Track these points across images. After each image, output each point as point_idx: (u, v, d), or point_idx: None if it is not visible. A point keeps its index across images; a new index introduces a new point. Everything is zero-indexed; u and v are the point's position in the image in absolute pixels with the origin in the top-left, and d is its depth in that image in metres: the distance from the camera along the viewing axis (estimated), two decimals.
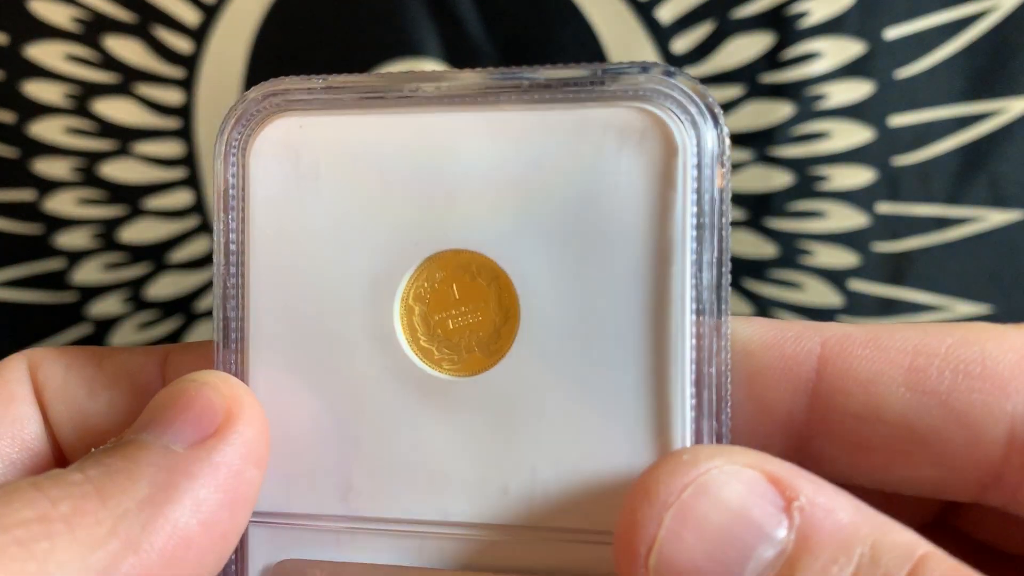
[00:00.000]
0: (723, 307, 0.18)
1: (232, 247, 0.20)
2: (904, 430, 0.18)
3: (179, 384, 0.19)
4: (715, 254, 0.18)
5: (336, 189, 0.19)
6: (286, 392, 0.20)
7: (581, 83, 0.18)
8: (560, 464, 0.18)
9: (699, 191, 0.18)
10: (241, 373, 0.20)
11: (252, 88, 0.20)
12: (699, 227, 0.18)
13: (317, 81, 0.19)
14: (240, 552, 0.20)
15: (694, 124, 0.18)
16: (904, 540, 0.15)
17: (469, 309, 0.19)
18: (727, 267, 0.18)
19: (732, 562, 0.15)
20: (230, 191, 0.20)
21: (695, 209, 0.18)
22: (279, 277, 0.20)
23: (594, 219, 0.18)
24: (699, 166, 0.18)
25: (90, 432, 0.22)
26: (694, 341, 0.18)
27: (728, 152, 0.18)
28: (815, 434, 0.19)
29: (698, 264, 0.18)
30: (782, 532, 0.15)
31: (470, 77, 0.19)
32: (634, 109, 0.18)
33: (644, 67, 0.18)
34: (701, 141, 0.18)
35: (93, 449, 0.18)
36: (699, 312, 0.18)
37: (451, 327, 0.19)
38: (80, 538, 0.16)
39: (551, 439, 0.18)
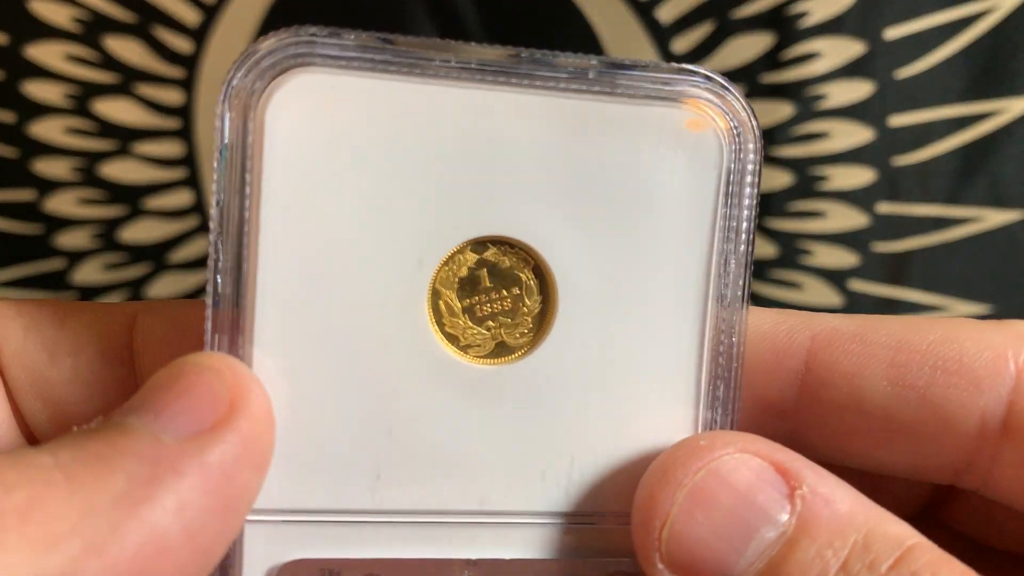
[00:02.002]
0: (744, 305, 0.19)
1: (235, 212, 0.17)
2: (884, 421, 0.20)
3: (179, 365, 0.17)
4: (744, 256, 0.19)
5: (371, 161, 0.18)
6: (298, 378, 0.18)
7: (633, 78, 0.18)
8: (597, 449, 0.19)
9: (739, 195, 0.19)
10: (243, 352, 0.18)
11: (270, 33, 0.17)
12: (736, 229, 0.19)
13: (348, 37, 0.18)
14: (234, 556, 0.18)
15: (740, 134, 0.19)
16: (896, 531, 0.17)
17: (500, 296, 0.19)
18: (750, 268, 0.19)
19: (737, 540, 0.17)
20: (236, 148, 0.17)
21: (735, 212, 0.19)
22: (297, 251, 0.17)
23: (638, 213, 0.19)
24: (742, 172, 0.19)
25: (55, 403, 0.20)
26: (723, 337, 0.19)
27: (762, 163, 0.19)
28: (802, 421, 0.21)
29: (726, 264, 0.19)
30: (784, 516, 0.17)
31: (514, 55, 0.18)
32: (691, 111, 0.18)
33: (704, 74, 0.18)
34: (743, 150, 0.19)
35: (75, 428, 0.16)
36: (725, 308, 0.19)
37: (479, 314, 0.19)
38: (33, 535, 0.14)
39: (585, 427, 0.19)
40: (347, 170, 0.18)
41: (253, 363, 0.18)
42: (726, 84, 0.18)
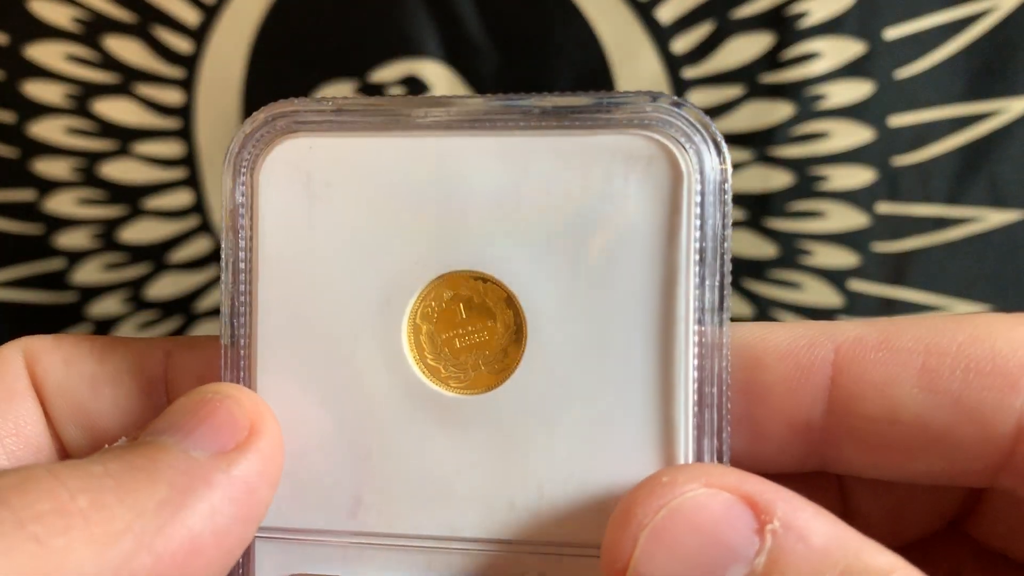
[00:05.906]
0: (724, 328, 0.19)
1: (241, 265, 0.20)
2: (919, 429, 0.19)
3: (200, 393, 0.19)
4: (717, 277, 0.19)
5: (347, 209, 0.19)
6: (294, 408, 0.20)
7: (589, 111, 0.19)
8: (566, 480, 0.19)
9: (702, 216, 0.18)
10: (248, 384, 0.20)
11: (261, 109, 0.20)
12: (702, 251, 0.18)
13: (327, 103, 0.20)
14: (246, 567, 0.20)
15: (698, 152, 0.18)
16: (877, 564, 0.15)
17: (476, 328, 0.20)
18: (728, 290, 0.19)
19: None
20: (239, 210, 0.20)
21: (698, 233, 0.18)
22: (288, 294, 0.20)
23: (600, 241, 0.19)
24: (702, 192, 0.18)
25: (95, 430, 0.21)
26: (696, 361, 0.19)
27: (730, 180, 0.19)
28: (833, 439, 0.20)
29: (700, 286, 0.18)
30: (754, 554, 0.16)
31: (479, 103, 0.19)
32: (641, 136, 0.18)
33: (652, 96, 0.19)
34: (704, 168, 0.18)
35: (107, 446, 0.18)
36: (701, 333, 0.19)
37: (458, 346, 0.20)
38: (96, 534, 0.16)
39: (557, 456, 0.19)
40: (325, 218, 0.20)
41: (257, 392, 0.20)
42: (683, 103, 0.19)
